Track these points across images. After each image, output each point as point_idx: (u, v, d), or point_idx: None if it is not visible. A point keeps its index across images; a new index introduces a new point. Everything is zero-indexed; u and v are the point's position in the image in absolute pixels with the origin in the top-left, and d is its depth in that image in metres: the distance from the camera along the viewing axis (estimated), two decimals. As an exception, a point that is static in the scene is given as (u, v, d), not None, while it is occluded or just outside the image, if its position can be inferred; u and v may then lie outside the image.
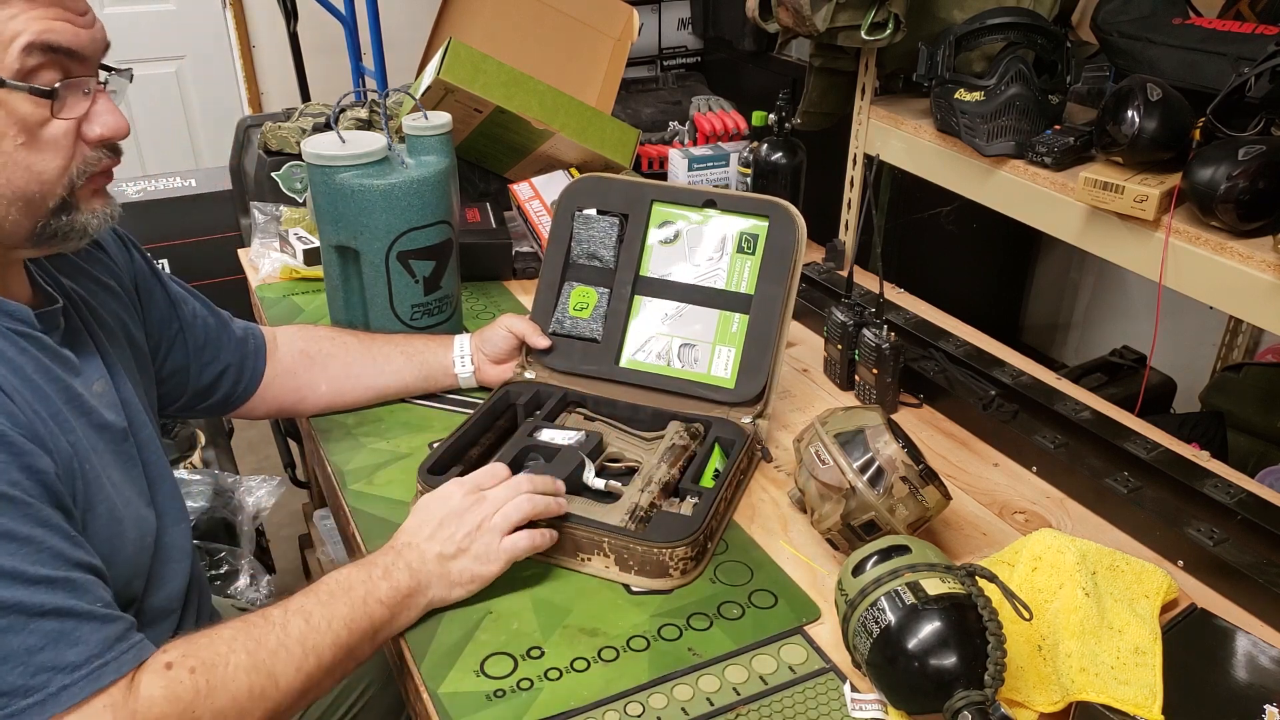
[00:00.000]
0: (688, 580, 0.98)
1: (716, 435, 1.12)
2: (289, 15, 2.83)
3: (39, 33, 0.74)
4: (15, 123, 0.75)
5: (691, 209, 1.22)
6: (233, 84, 3.24)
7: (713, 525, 1.01)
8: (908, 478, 0.94)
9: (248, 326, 1.19)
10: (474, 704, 0.84)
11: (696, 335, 1.17)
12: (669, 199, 1.23)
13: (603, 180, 1.27)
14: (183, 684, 0.73)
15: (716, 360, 1.15)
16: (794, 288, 1.17)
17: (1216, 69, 1.22)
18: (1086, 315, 2.89)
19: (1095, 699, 0.80)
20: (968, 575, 0.80)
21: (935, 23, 1.56)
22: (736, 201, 1.21)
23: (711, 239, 1.20)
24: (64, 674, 0.68)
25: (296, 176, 1.85)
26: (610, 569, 0.98)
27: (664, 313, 1.20)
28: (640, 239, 1.22)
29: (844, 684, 0.86)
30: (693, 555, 0.97)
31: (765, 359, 1.13)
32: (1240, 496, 1.03)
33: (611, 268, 1.23)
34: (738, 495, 1.10)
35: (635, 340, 1.20)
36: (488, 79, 1.59)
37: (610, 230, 1.23)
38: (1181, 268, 1.18)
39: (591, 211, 1.25)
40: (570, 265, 1.26)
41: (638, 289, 1.22)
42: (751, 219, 1.19)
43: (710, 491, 1.03)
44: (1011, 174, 1.38)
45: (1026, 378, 1.28)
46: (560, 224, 1.26)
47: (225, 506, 1.68)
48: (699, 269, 1.19)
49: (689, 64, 3.28)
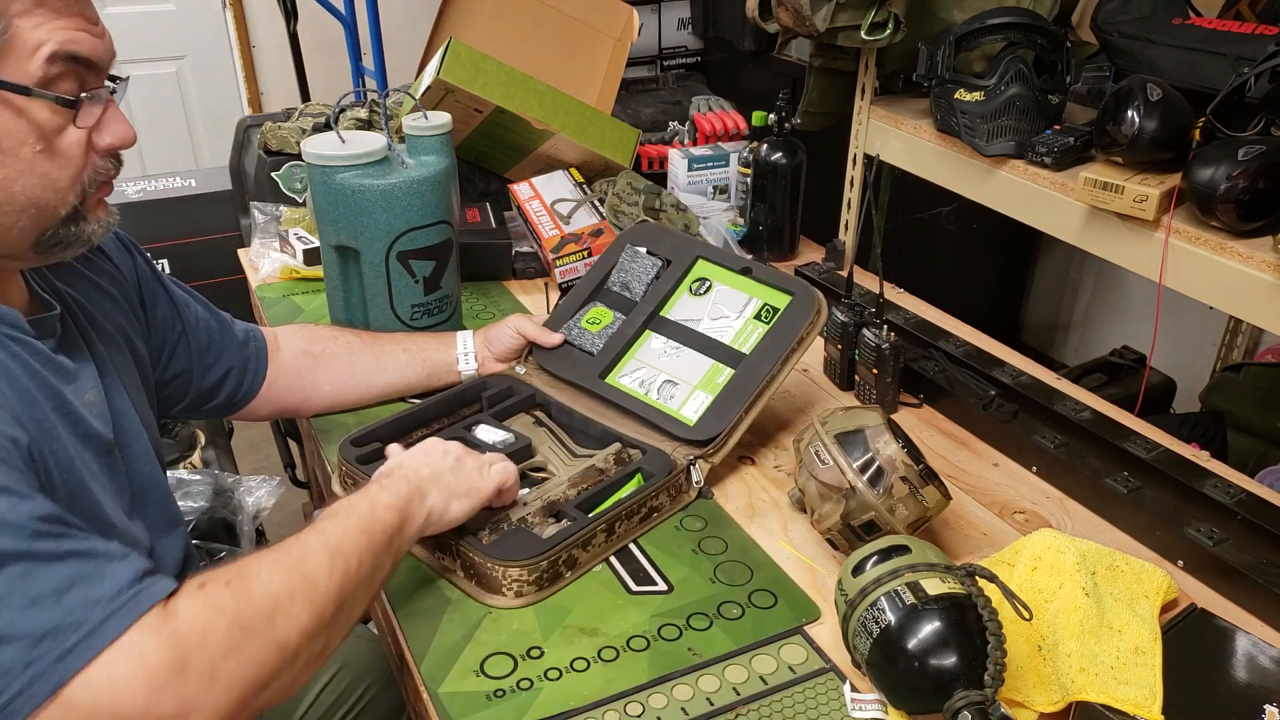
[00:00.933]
0: (525, 603, 0.95)
1: (641, 466, 1.08)
2: (289, 15, 2.83)
3: (62, 42, 0.75)
4: (34, 130, 0.76)
5: (730, 271, 1.27)
6: (233, 84, 3.24)
7: (573, 554, 0.98)
8: (908, 478, 0.94)
9: (249, 329, 1.18)
10: (474, 704, 0.84)
11: (682, 375, 1.20)
12: (713, 258, 1.30)
13: (661, 229, 1.38)
14: (221, 595, 0.72)
15: (690, 401, 1.16)
16: (791, 361, 1.17)
17: (1216, 69, 1.22)
18: (1086, 315, 2.89)
19: (1095, 699, 0.80)
20: (968, 575, 0.80)
21: (935, 23, 1.56)
22: (769, 274, 1.26)
23: (737, 300, 1.25)
24: (101, 606, 0.66)
25: (296, 176, 1.85)
26: (458, 574, 0.98)
27: (663, 349, 1.24)
28: (674, 285, 1.28)
29: (844, 684, 0.86)
30: (531, 580, 0.94)
31: (733, 411, 1.13)
32: (1240, 496, 1.03)
33: (637, 300, 1.28)
34: (643, 527, 1.05)
35: (627, 365, 1.23)
36: (488, 79, 1.59)
37: (650, 269, 1.30)
38: (1181, 268, 1.18)
39: (642, 250, 1.32)
40: (603, 288, 1.32)
41: (650, 323, 1.26)
42: (778, 292, 1.23)
43: (584, 520, 1.00)
44: (1011, 174, 1.38)
45: (1026, 378, 1.28)
46: (611, 253, 1.34)
47: (225, 506, 1.67)
48: (714, 322, 1.24)
49: (689, 64, 3.28)
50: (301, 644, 0.75)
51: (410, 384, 1.26)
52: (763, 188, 1.68)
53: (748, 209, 1.72)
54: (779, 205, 1.68)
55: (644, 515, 1.05)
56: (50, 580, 0.65)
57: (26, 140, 0.75)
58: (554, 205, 1.65)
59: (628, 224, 1.62)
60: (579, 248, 1.60)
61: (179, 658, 0.67)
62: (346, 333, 1.27)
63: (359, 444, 1.12)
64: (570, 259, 1.59)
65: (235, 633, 0.70)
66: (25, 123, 0.75)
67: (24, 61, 0.74)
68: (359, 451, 1.10)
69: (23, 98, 0.74)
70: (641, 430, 1.14)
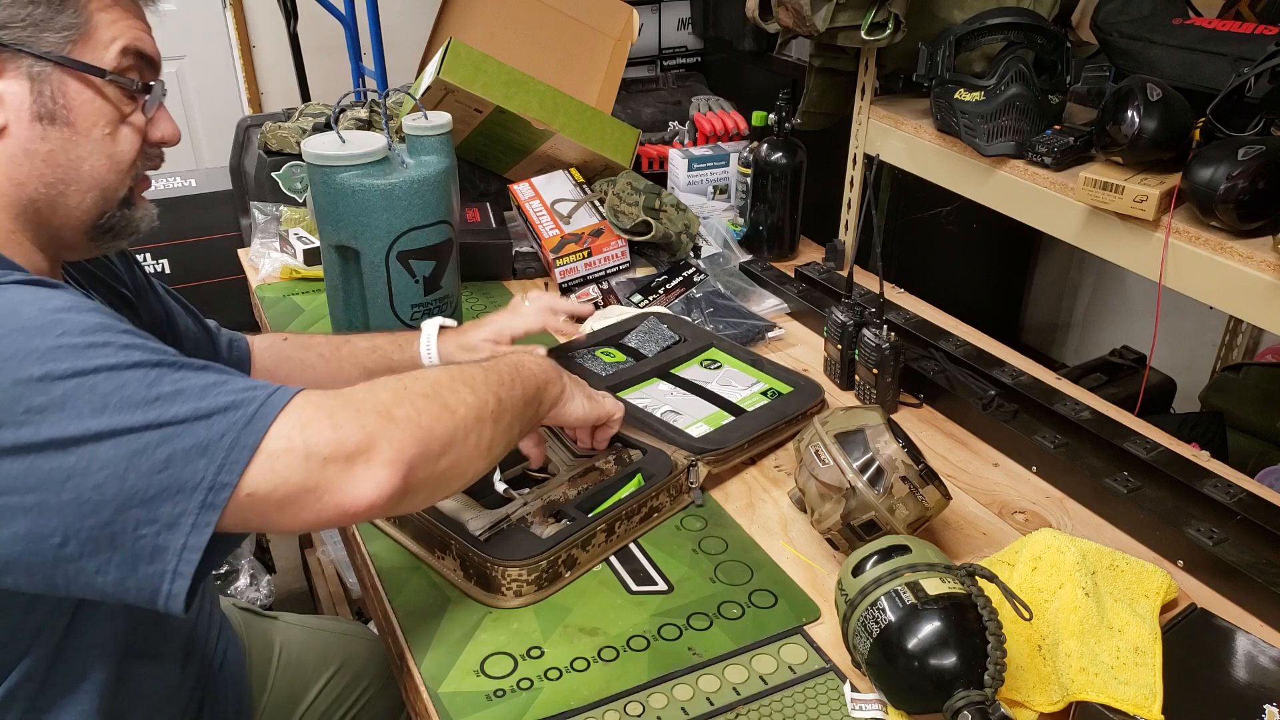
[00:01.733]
0: (525, 603, 0.95)
1: (641, 466, 1.09)
2: (289, 15, 2.83)
3: (133, 39, 0.82)
4: (105, 113, 0.81)
5: (740, 361, 1.34)
6: (233, 84, 3.24)
7: (573, 554, 0.98)
8: (908, 477, 0.94)
9: (233, 339, 1.17)
10: (474, 704, 0.84)
11: (686, 410, 1.23)
12: (725, 349, 1.37)
13: (681, 320, 1.44)
14: (377, 382, 0.79)
15: (693, 427, 1.19)
16: (791, 426, 1.21)
17: (1216, 69, 1.22)
18: (1086, 315, 2.89)
19: (1095, 699, 0.80)
20: (968, 575, 0.80)
21: (935, 23, 1.55)
22: (776, 369, 1.31)
23: (744, 379, 1.31)
24: (260, 388, 0.72)
25: (296, 176, 1.85)
26: (456, 573, 0.98)
27: (669, 390, 1.29)
28: (686, 356, 1.35)
29: (844, 684, 0.86)
30: (530, 579, 0.95)
31: (735, 437, 1.15)
32: (1240, 496, 1.03)
33: (649, 356, 1.35)
34: (643, 527, 1.05)
35: (632, 394, 1.27)
36: (488, 79, 1.59)
37: (666, 338, 1.38)
38: (1181, 268, 1.18)
39: (664, 326, 1.40)
40: (618, 342, 1.39)
41: (659, 373, 1.32)
42: (783, 384, 1.29)
43: (583, 520, 1.00)
44: (1011, 174, 1.38)
45: (1026, 378, 1.28)
46: (632, 320, 1.42)
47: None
48: (721, 387, 1.29)
49: (689, 64, 3.28)
50: (467, 417, 0.81)
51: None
52: (763, 188, 1.68)
53: (748, 209, 1.72)
54: (779, 205, 1.68)
55: (644, 515, 1.05)
56: (205, 378, 0.71)
57: (99, 122, 0.81)
58: (554, 205, 1.65)
59: (628, 224, 1.62)
60: (579, 248, 1.60)
61: (352, 404, 0.75)
62: (309, 349, 1.20)
63: None
64: (570, 259, 1.60)
65: (399, 393, 0.78)
66: (100, 104, 0.81)
67: (100, 50, 0.80)
68: None
69: (100, 80, 0.80)
70: (643, 435, 1.15)
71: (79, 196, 0.82)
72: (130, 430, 0.66)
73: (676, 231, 1.65)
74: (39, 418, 0.65)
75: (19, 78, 0.77)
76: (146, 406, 0.67)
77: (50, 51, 0.77)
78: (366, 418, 0.74)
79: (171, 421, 0.68)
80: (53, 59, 0.78)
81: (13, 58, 0.77)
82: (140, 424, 0.67)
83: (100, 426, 0.66)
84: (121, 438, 0.66)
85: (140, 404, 0.67)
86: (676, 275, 1.58)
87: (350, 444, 0.72)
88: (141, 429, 0.67)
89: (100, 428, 0.66)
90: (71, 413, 0.66)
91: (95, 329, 0.69)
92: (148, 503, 0.66)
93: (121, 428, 0.66)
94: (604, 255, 1.62)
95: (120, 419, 0.66)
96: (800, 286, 1.57)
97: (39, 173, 0.79)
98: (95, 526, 0.65)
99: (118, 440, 0.66)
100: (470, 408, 0.82)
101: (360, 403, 0.75)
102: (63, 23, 0.78)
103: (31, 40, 0.77)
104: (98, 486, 0.65)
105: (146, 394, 0.68)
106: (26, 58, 0.77)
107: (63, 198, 0.81)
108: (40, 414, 0.65)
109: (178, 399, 0.68)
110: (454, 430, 0.80)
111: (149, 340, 0.72)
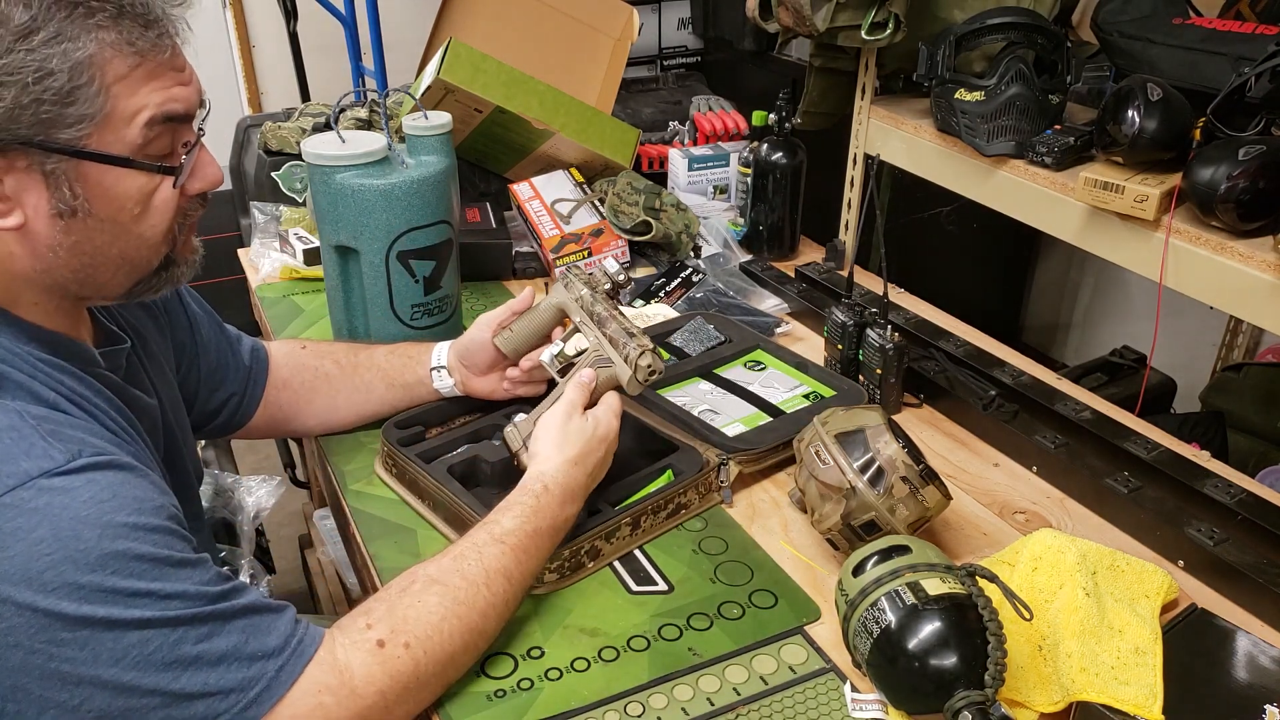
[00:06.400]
0: (546, 590, 0.96)
1: (672, 463, 1.10)
2: (289, 15, 2.83)
3: (159, 105, 0.74)
4: (132, 196, 0.76)
5: (785, 364, 1.34)
6: (233, 84, 3.24)
7: (597, 545, 0.99)
8: (908, 478, 0.94)
9: (254, 347, 1.16)
10: (474, 704, 0.84)
11: (724, 409, 1.24)
12: (771, 351, 1.36)
13: (728, 321, 1.43)
14: (400, 659, 0.79)
15: (729, 427, 1.19)
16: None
17: (1216, 69, 1.22)
18: (1086, 315, 2.89)
19: (1095, 699, 0.80)
20: (968, 575, 0.80)
21: (935, 23, 1.55)
22: (820, 372, 1.31)
23: (788, 382, 1.31)
24: (274, 658, 0.73)
25: (296, 176, 1.85)
26: None
27: (709, 390, 1.29)
28: (730, 357, 1.35)
29: (844, 684, 0.86)
30: (553, 567, 0.96)
31: (770, 438, 1.15)
32: (1240, 496, 1.03)
33: (692, 356, 1.35)
34: (669, 523, 1.06)
35: (672, 391, 1.27)
36: (488, 79, 1.59)
37: (712, 338, 1.38)
38: (1181, 268, 1.18)
39: (710, 326, 1.40)
40: (664, 342, 1.37)
41: (701, 373, 1.32)
42: (827, 387, 1.28)
43: (610, 512, 1.01)
44: (1011, 174, 1.38)
45: (1027, 378, 1.28)
46: (679, 320, 1.42)
47: (225, 506, 1.67)
48: (763, 388, 1.29)
49: (689, 64, 3.27)
50: (462, 671, 0.86)
51: (395, 407, 1.21)
52: (763, 188, 1.68)
53: (748, 209, 1.72)
54: (779, 205, 1.68)
55: (671, 511, 1.06)
56: (232, 638, 0.72)
57: (125, 207, 0.76)
58: (554, 205, 1.65)
59: (628, 224, 1.62)
60: (579, 248, 1.60)
61: (357, 713, 0.76)
62: (326, 358, 1.20)
63: (402, 426, 1.17)
64: (570, 259, 1.59)
65: (410, 691, 0.79)
66: (124, 190, 0.75)
67: (122, 130, 0.73)
68: (401, 434, 1.15)
69: (122, 168, 0.74)
70: (677, 431, 1.15)
71: (109, 274, 0.79)
72: (136, 690, 0.68)
73: (677, 231, 1.65)
74: (56, 650, 0.66)
75: (32, 175, 0.71)
76: (160, 671, 0.69)
77: (66, 145, 0.71)
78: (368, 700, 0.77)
79: (178, 694, 0.69)
80: (68, 153, 0.71)
81: (22, 154, 0.70)
82: (148, 687, 0.68)
83: (109, 677, 0.67)
84: (124, 693, 0.68)
85: (156, 666, 0.69)
86: (675, 276, 1.57)
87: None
88: (148, 692, 0.68)
89: (108, 679, 0.67)
90: (89, 654, 0.67)
91: (149, 563, 0.69)
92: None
93: (127, 684, 0.68)
94: (604, 255, 1.62)
95: (131, 676, 0.68)
96: (800, 286, 1.57)
97: (63, 262, 0.76)
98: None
99: (119, 692, 0.68)
100: (502, 608, 0.87)
101: (373, 708, 0.77)
102: (74, 115, 0.70)
103: (41, 137, 0.70)
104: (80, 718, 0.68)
105: (166, 655, 0.69)
106: (38, 153, 0.71)
107: (92, 279, 0.78)
108: (58, 647, 0.66)
109: (192, 667, 0.70)
110: (481, 636, 0.86)
111: (195, 570, 0.72)
